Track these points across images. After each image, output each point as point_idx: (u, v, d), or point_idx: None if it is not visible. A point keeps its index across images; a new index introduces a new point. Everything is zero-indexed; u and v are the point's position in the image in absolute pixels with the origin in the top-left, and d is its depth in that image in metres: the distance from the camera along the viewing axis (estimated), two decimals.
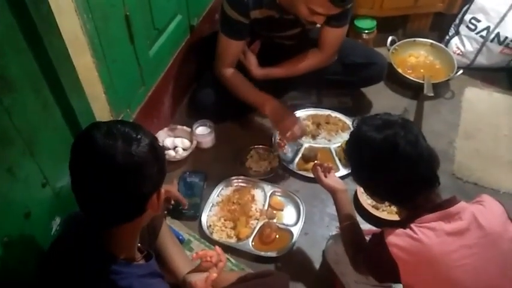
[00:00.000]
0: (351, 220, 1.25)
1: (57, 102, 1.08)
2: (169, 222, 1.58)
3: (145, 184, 0.83)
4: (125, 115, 1.50)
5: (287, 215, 1.65)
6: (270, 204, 1.67)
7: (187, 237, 1.56)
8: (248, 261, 1.51)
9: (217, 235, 1.57)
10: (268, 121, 1.92)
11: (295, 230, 1.57)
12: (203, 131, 1.87)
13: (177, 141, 1.85)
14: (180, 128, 1.88)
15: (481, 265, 0.97)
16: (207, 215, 1.63)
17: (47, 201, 1.09)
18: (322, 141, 1.91)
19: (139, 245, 0.98)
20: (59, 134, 1.11)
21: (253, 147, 1.86)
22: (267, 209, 1.65)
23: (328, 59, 1.87)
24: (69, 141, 0.84)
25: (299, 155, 1.84)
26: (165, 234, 1.31)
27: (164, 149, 1.80)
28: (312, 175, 1.43)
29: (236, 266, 1.49)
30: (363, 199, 1.65)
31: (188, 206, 1.60)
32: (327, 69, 1.92)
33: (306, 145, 1.87)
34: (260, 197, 1.69)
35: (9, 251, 0.96)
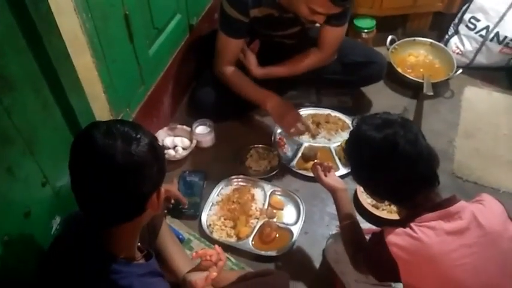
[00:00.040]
0: (350, 219, 1.26)
1: (57, 101, 1.08)
2: (169, 221, 1.58)
3: (145, 183, 0.83)
4: (124, 114, 1.50)
5: (287, 214, 1.65)
6: (270, 203, 1.66)
7: (187, 237, 1.57)
8: (248, 260, 1.51)
9: (217, 234, 1.57)
10: (267, 120, 1.93)
11: (295, 229, 1.57)
12: (203, 130, 1.87)
13: (177, 140, 1.84)
14: (179, 127, 1.88)
15: (480, 264, 0.97)
16: (207, 214, 1.63)
17: (47, 201, 1.09)
18: (322, 140, 1.91)
19: (139, 244, 0.99)
20: (58, 133, 1.11)
21: (253, 147, 1.86)
22: (267, 208, 1.65)
23: (327, 58, 1.87)
24: (69, 141, 0.84)
25: (299, 154, 1.84)
26: (165, 233, 1.31)
27: (164, 148, 1.80)
28: (312, 174, 1.43)
29: (236, 265, 1.49)
30: (362, 198, 1.65)
31: (188, 205, 1.60)
32: (326, 69, 1.92)
33: (305, 144, 1.87)
34: (260, 196, 1.69)
35: (9, 250, 0.96)
